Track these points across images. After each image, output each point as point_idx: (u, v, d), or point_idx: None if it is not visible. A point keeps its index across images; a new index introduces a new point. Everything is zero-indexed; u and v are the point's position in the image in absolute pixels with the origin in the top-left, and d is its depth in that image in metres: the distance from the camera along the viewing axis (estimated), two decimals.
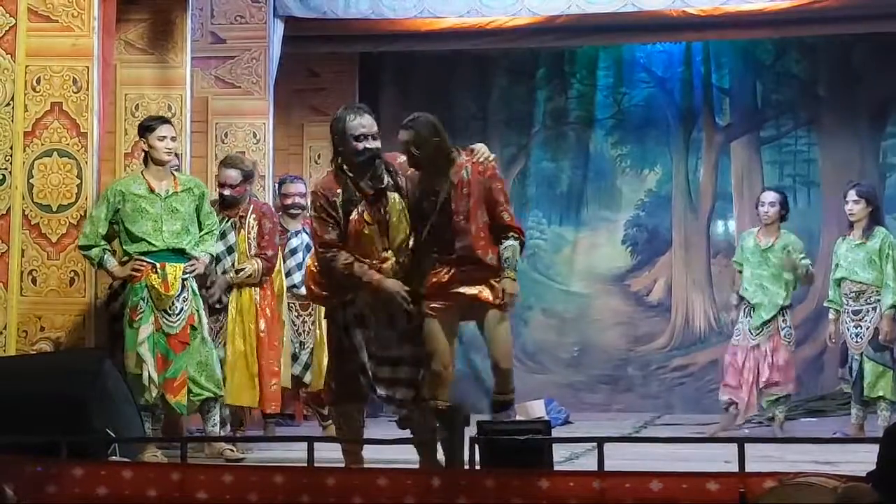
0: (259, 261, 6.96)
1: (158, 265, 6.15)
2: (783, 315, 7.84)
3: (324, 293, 5.33)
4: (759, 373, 7.80)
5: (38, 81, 6.38)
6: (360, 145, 5.10)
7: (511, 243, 5.15)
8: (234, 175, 6.94)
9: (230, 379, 6.81)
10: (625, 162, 10.52)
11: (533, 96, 10.40)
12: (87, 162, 6.36)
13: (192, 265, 6.26)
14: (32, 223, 6.33)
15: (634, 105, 10.50)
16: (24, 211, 6.32)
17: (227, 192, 6.95)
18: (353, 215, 5.08)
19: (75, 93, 6.37)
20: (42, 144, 6.36)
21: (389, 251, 5.15)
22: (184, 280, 6.22)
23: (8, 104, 6.33)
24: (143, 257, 6.15)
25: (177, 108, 7.47)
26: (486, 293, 5.12)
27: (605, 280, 10.39)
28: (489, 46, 9.40)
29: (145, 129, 6.30)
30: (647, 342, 10.32)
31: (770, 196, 7.98)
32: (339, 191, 5.13)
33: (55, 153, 6.36)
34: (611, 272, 10.39)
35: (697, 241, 10.32)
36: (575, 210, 10.39)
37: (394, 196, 5.15)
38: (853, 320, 7.66)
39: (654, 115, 10.46)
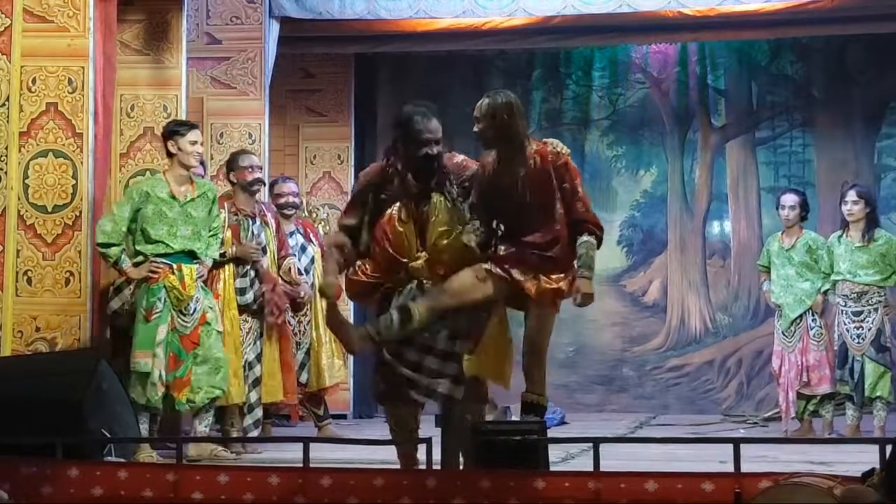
0: None
1: (174, 266, 6.22)
2: (812, 315, 7.85)
3: (363, 291, 5.21)
4: (795, 375, 7.82)
5: (34, 82, 6.37)
6: (423, 150, 5.01)
7: (585, 240, 5.00)
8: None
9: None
10: (620, 163, 10.53)
11: (528, 97, 10.39)
12: (82, 162, 6.35)
13: (200, 270, 6.34)
14: (28, 223, 6.32)
15: (630, 106, 10.51)
16: (19, 211, 6.31)
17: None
18: (391, 211, 5.00)
19: (70, 93, 6.37)
20: (37, 145, 6.35)
21: (423, 251, 5.03)
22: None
23: (3, 104, 6.33)
24: (159, 258, 6.20)
25: (172, 108, 7.47)
26: (531, 285, 4.94)
27: (600, 280, 10.31)
28: (485, 47, 9.40)
29: (174, 131, 6.35)
30: (643, 343, 10.33)
31: (790, 200, 7.99)
32: (378, 182, 5.09)
33: (50, 153, 6.35)
34: (606, 273, 10.38)
35: (693, 241, 10.34)
36: None
37: (438, 197, 5.06)
38: (853, 321, 7.67)
39: (650, 116, 10.47)
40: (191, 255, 6.31)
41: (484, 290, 4.95)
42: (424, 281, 5.00)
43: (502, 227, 5.07)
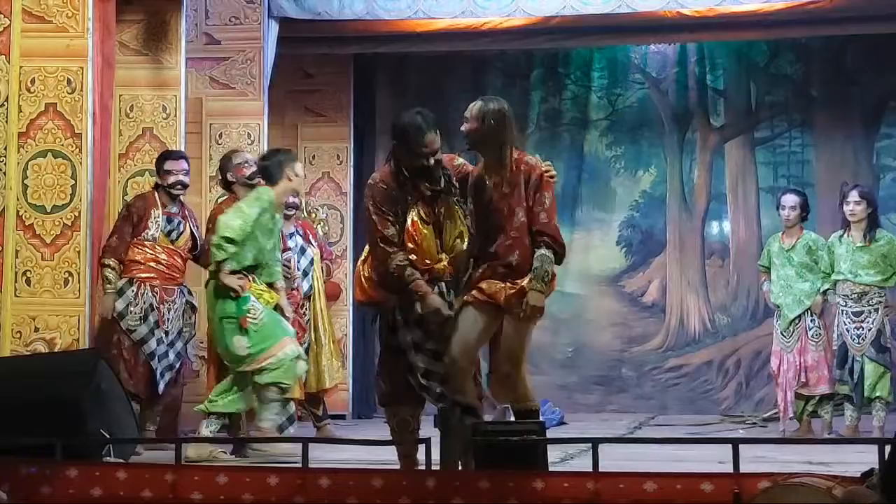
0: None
1: (250, 277, 6.30)
2: (810, 315, 7.85)
3: (373, 296, 5.24)
4: (793, 375, 7.83)
5: (33, 82, 6.38)
6: (422, 161, 5.05)
7: (541, 253, 4.96)
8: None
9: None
10: (619, 163, 10.53)
11: (527, 97, 10.40)
12: (81, 163, 6.35)
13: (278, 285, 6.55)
14: (27, 224, 6.32)
15: (629, 106, 10.51)
16: (18, 211, 6.31)
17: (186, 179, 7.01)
18: (412, 215, 5.04)
19: (69, 94, 6.37)
20: (36, 145, 6.35)
21: (443, 253, 5.10)
22: None
23: (2, 105, 6.33)
24: (241, 272, 6.28)
25: (171, 109, 7.48)
26: (500, 295, 4.97)
27: (599, 281, 10.39)
28: (484, 47, 9.40)
29: (287, 159, 6.47)
30: (642, 343, 10.33)
31: (790, 200, 8.00)
32: (395, 184, 5.10)
33: (49, 154, 6.35)
34: (605, 273, 10.40)
35: (692, 241, 10.33)
36: (569, 211, 10.34)
37: (448, 198, 5.12)
38: (854, 322, 7.68)
39: (649, 116, 10.47)
40: (253, 269, 6.35)
41: (482, 329, 5.01)
42: (448, 280, 5.10)
43: (478, 235, 5.11)
